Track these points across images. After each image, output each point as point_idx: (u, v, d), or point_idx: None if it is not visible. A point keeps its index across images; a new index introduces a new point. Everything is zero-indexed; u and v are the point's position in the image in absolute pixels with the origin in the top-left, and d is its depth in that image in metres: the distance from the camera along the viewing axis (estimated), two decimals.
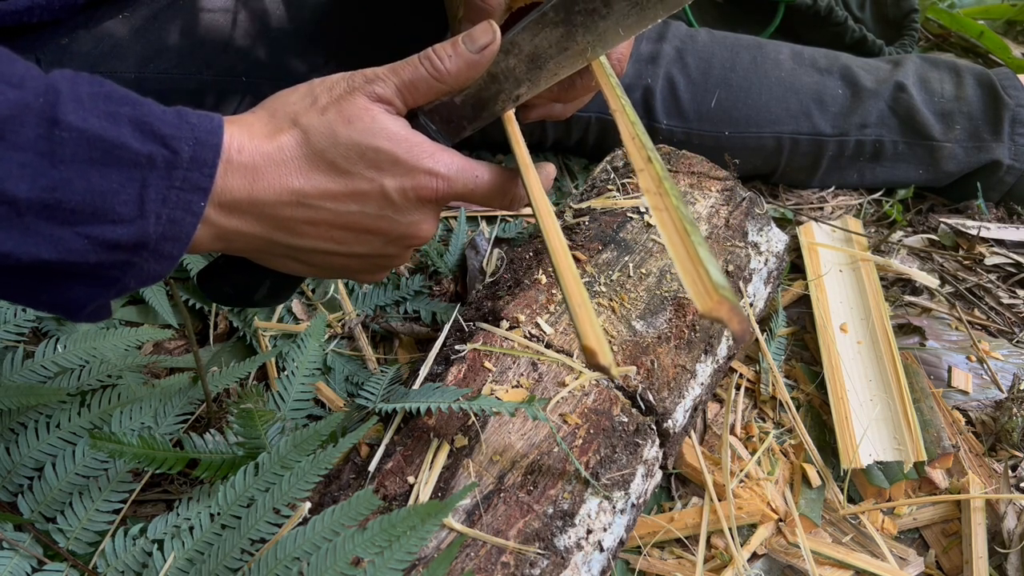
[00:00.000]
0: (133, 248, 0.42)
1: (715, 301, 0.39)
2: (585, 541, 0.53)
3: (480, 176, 0.52)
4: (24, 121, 0.39)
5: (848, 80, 0.99)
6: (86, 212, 0.40)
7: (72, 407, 0.60)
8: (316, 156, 0.47)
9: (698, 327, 0.67)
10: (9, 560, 0.53)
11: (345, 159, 0.48)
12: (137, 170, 0.41)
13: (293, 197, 0.47)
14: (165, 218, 0.43)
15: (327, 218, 0.49)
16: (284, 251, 0.51)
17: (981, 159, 0.99)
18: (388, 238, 0.52)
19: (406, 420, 0.59)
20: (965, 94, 0.99)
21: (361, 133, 0.48)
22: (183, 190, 0.43)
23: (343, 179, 0.48)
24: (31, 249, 0.40)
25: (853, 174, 1.03)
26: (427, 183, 0.50)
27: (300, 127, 0.47)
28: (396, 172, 0.49)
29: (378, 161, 0.48)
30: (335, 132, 0.47)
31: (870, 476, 0.68)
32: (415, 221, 0.51)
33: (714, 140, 0.97)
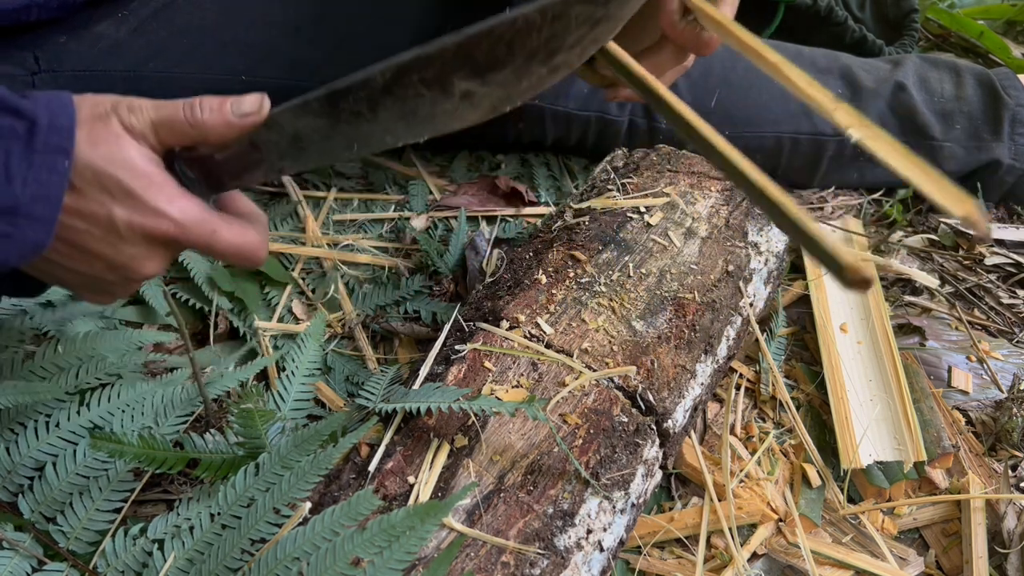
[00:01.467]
0: (5, 213, 0.44)
1: (968, 205, 0.40)
2: (585, 541, 0.53)
3: (218, 233, 0.51)
4: None
5: (848, 80, 0.99)
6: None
7: (72, 406, 0.60)
8: (75, 175, 0.47)
9: (698, 327, 0.67)
10: (9, 560, 0.53)
11: (80, 179, 0.47)
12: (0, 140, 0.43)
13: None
14: (32, 179, 0.44)
15: (63, 235, 0.48)
16: None
17: (981, 159, 0.99)
18: (108, 264, 0.51)
19: (406, 420, 0.59)
20: (965, 94, 0.99)
21: (101, 158, 0.47)
22: (45, 152, 0.45)
23: (75, 196, 0.47)
24: None
25: (853, 173, 1.03)
26: (156, 224, 0.49)
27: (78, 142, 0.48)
28: (127, 204, 0.48)
29: (111, 189, 0.48)
30: (84, 155, 0.47)
31: (870, 476, 0.68)
32: (138, 255, 0.50)
33: None
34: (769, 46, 0.55)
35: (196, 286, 0.78)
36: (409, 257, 0.88)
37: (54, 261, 0.50)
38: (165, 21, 0.79)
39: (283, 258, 0.84)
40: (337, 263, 0.85)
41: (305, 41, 0.84)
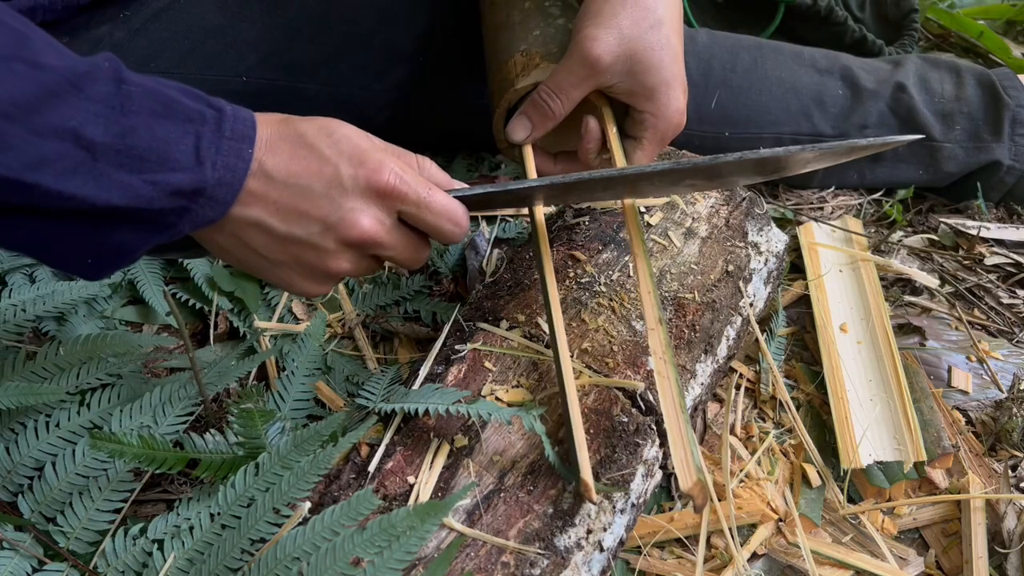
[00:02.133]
0: (192, 194, 0.47)
1: (694, 482, 0.48)
2: (585, 541, 0.53)
3: (433, 191, 0.55)
4: (97, 77, 0.43)
5: (848, 80, 0.99)
6: (152, 159, 0.45)
7: (72, 407, 0.61)
8: (293, 135, 0.51)
9: (698, 327, 0.67)
10: (10, 560, 0.53)
11: (314, 135, 0.51)
12: (191, 124, 0.46)
13: (257, 168, 0.50)
14: (220, 165, 0.47)
15: (276, 195, 0.51)
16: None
17: (981, 159, 0.99)
18: (325, 224, 0.52)
19: (406, 420, 0.59)
20: (965, 94, 0.99)
21: (339, 126, 0.52)
22: (232, 139, 0.48)
23: (303, 153, 0.51)
24: (104, 195, 0.44)
25: (853, 174, 1.03)
26: (380, 173, 0.52)
27: (299, 128, 0.52)
28: (355, 156, 0.52)
29: (341, 144, 0.52)
30: (321, 122, 0.52)
31: (870, 476, 0.68)
32: (356, 208, 0.53)
33: (714, 141, 0.97)
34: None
35: (196, 286, 0.78)
36: None
37: (263, 226, 0.52)
38: (167, 22, 0.79)
39: None
40: None
41: (306, 42, 0.84)
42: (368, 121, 0.91)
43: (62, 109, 0.42)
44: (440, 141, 1.04)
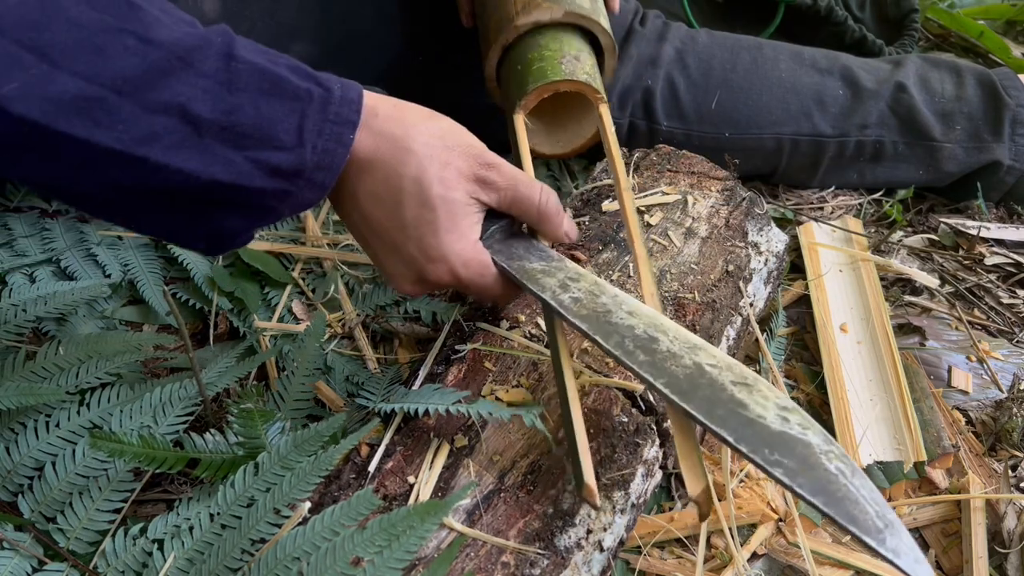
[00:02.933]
0: (291, 175, 0.47)
1: (702, 488, 0.47)
2: (585, 541, 0.53)
3: (487, 284, 0.57)
4: (207, 53, 0.44)
5: (848, 80, 0.99)
6: (255, 137, 0.45)
7: (72, 406, 0.60)
8: (393, 178, 0.52)
9: (698, 327, 0.67)
10: (10, 560, 0.53)
11: (410, 187, 0.52)
12: (297, 103, 0.47)
13: (351, 192, 0.53)
14: (320, 148, 0.48)
15: (355, 218, 0.55)
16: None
17: (981, 159, 0.99)
18: (381, 264, 0.57)
19: (406, 420, 0.59)
20: (966, 94, 0.99)
21: (436, 195, 0.52)
22: (335, 123, 0.48)
23: (389, 201, 0.52)
24: (209, 168, 0.44)
25: (853, 174, 1.03)
26: (433, 272, 0.55)
27: (408, 147, 0.52)
28: (421, 245, 0.54)
29: (423, 221, 0.53)
30: (423, 174, 0.52)
31: (870, 476, 0.68)
32: (403, 275, 0.56)
33: (714, 141, 0.97)
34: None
35: (196, 286, 0.78)
36: None
37: (348, 226, 0.57)
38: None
39: (283, 258, 0.84)
40: (337, 263, 0.85)
41: (306, 41, 0.84)
42: None
43: (172, 85, 0.42)
44: None
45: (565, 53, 0.65)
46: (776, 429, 0.43)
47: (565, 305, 0.53)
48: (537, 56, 0.65)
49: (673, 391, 0.46)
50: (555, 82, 0.64)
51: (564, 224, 0.59)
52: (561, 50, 0.65)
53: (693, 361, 0.48)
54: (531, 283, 0.55)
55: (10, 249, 0.78)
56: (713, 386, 0.46)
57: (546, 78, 0.64)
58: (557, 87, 0.64)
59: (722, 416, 0.44)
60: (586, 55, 0.67)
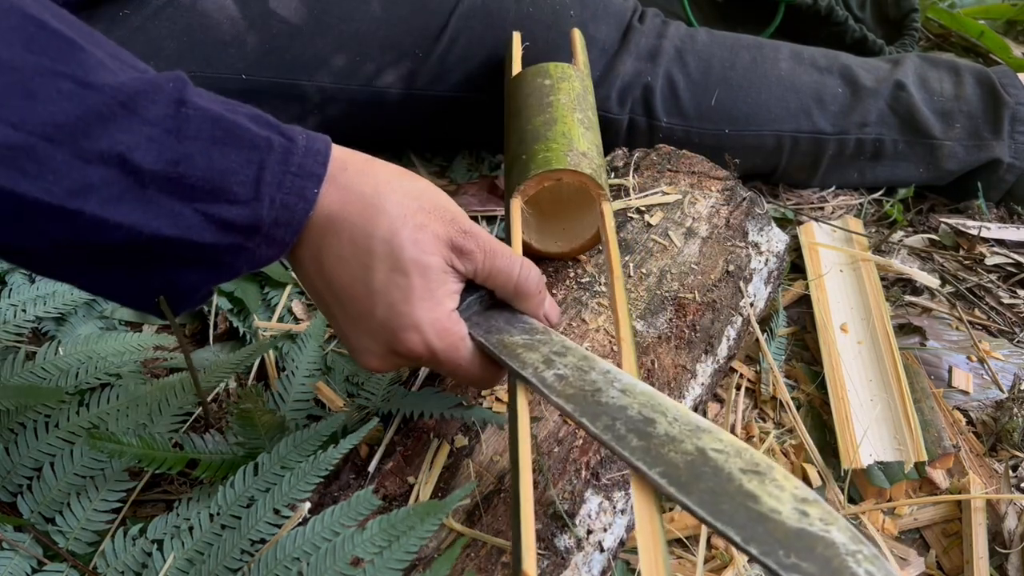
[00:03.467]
0: (246, 230, 0.43)
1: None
2: (585, 541, 0.53)
3: (461, 371, 0.51)
4: (155, 99, 0.41)
5: (847, 79, 0.99)
6: (205, 189, 0.42)
7: (71, 407, 0.60)
8: (362, 238, 0.46)
9: (698, 327, 0.67)
10: (9, 560, 0.53)
11: (379, 259, 0.47)
12: (256, 152, 0.43)
13: (314, 253, 0.47)
14: (279, 202, 0.44)
15: (317, 282, 0.49)
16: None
17: (981, 157, 0.99)
18: (345, 336, 0.51)
19: (406, 420, 0.59)
20: (964, 93, 0.99)
21: (410, 258, 0.47)
22: (298, 176, 0.44)
23: (356, 265, 0.47)
24: (152, 222, 0.41)
25: (854, 173, 1.03)
26: (405, 339, 0.48)
27: (380, 206, 0.47)
28: (393, 311, 0.47)
29: (394, 286, 0.47)
30: (396, 237, 0.46)
31: (871, 476, 0.68)
32: (370, 350, 0.50)
33: (714, 139, 0.97)
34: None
35: None
36: None
37: (307, 289, 0.50)
38: (166, 20, 0.79)
39: None
40: None
41: (305, 41, 0.84)
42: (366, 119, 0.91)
43: (111, 133, 0.39)
44: (440, 139, 1.04)
45: (574, 148, 0.63)
46: (793, 526, 0.36)
47: (548, 383, 0.46)
48: (543, 147, 0.63)
49: (671, 483, 0.39)
50: (557, 171, 0.62)
51: (545, 304, 0.54)
52: (571, 143, 0.64)
53: (695, 446, 0.41)
54: (511, 359, 0.49)
55: None
56: (718, 475, 0.39)
57: (550, 166, 0.62)
58: (562, 176, 0.62)
59: (728, 512, 0.37)
60: (595, 154, 0.66)
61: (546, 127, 0.65)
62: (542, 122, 0.66)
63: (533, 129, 0.66)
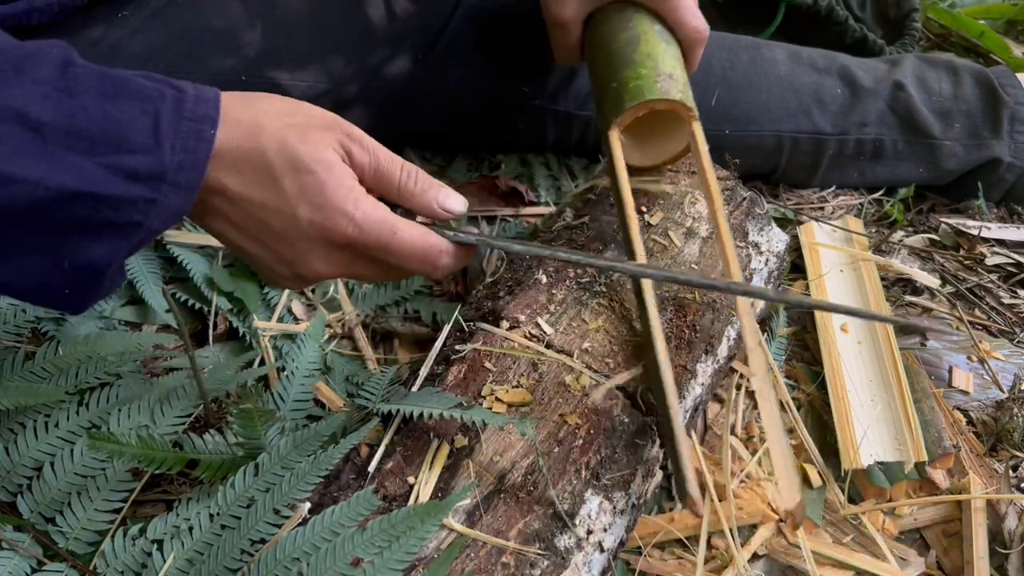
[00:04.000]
0: (152, 179, 0.44)
1: (796, 501, 0.49)
2: (585, 542, 0.53)
3: (399, 233, 0.52)
4: (40, 61, 0.42)
5: (847, 79, 0.99)
6: (105, 141, 0.43)
7: (70, 406, 0.60)
8: (258, 155, 0.49)
9: (698, 327, 0.67)
10: (9, 560, 0.53)
11: (280, 166, 0.49)
12: (149, 103, 0.44)
13: (218, 187, 0.49)
14: (180, 147, 0.45)
15: (235, 217, 0.51)
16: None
17: (981, 156, 0.99)
18: (279, 257, 0.52)
19: (406, 420, 0.59)
20: (963, 93, 0.99)
21: (305, 154, 0.49)
22: (193, 120, 0.46)
23: (265, 182, 0.49)
24: (56, 175, 0.41)
25: (854, 173, 1.03)
26: (337, 224, 0.50)
27: (262, 125, 0.49)
28: (315, 202, 0.50)
29: (304, 184, 0.49)
30: (285, 140, 0.49)
31: (871, 476, 0.68)
32: (310, 252, 0.52)
33: (715, 138, 0.97)
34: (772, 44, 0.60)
35: (195, 286, 0.78)
36: None
37: (225, 237, 0.52)
38: (164, 22, 0.79)
39: None
40: None
41: (304, 42, 0.84)
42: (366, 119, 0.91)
43: (3, 91, 0.41)
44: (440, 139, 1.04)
45: (661, 72, 0.66)
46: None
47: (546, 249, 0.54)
48: (632, 74, 0.66)
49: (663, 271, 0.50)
50: (652, 101, 0.65)
51: (438, 196, 0.55)
52: (657, 67, 0.66)
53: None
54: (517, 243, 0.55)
55: None
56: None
57: (643, 96, 0.65)
58: (654, 106, 0.65)
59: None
60: (679, 71, 0.69)
61: (631, 46, 0.68)
62: (626, 40, 0.69)
63: (619, 49, 0.68)
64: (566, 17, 0.74)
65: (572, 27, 0.75)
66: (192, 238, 0.82)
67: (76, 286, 0.47)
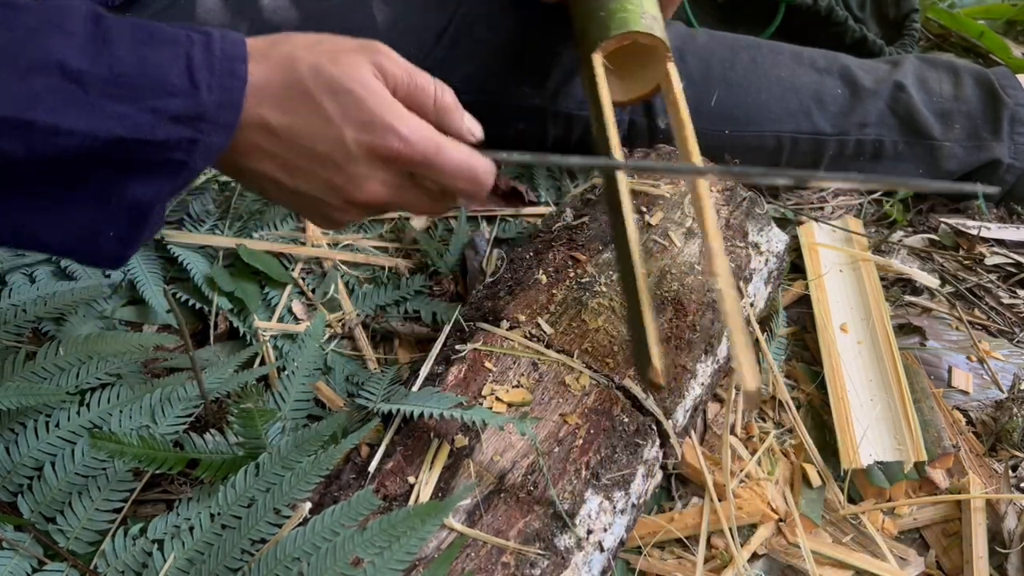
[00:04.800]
0: (194, 119, 0.45)
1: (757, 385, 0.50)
2: (585, 541, 0.53)
3: (445, 149, 0.52)
4: (71, 14, 0.43)
5: (847, 80, 0.99)
6: (145, 87, 0.44)
7: (71, 406, 0.60)
8: (294, 83, 0.49)
9: (698, 327, 0.67)
10: (9, 560, 0.53)
11: (319, 90, 0.49)
12: (180, 46, 0.45)
13: (260, 122, 0.49)
14: (216, 86, 0.46)
15: (279, 151, 0.51)
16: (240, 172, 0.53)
17: (981, 158, 0.99)
18: (329, 185, 0.52)
19: (406, 420, 0.59)
20: (964, 94, 0.99)
21: (342, 75, 0.49)
22: (224, 59, 0.46)
23: (307, 109, 0.49)
24: (103, 126, 0.43)
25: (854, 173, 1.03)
26: (385, 140, 0.50)
27: (292, 55, 0.50)
28: (360, 120, 0.50)
29: (346, 105, 0.50)
30: (319, 65, 0.49)
31: (870, 476, 0.68)
32: (362, 175, 0.52)
33: (715, 138, 0.97)
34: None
35: (196, 286, 0.78)
36: (409, 257, 0.88)
37: (277, 183, 0.52)
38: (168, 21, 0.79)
39: (283, 258, 0.84)
40: (337, 263, 0.84)
41: None
42: None
43: (45, 45, 0.42)
44: None
45: (646, 11, 0.71)
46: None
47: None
48: (619, 7, 0.70)
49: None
50: (637, 32, 0.69)
51: (465, 119, 0.56)
52: (642, 6, 0.71)
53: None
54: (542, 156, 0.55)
55: (10, 249, 0.78)
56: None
57: (628, 27, 0.69)
58: (637, 38, 0.69)
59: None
60: (660, 17, 0.73)
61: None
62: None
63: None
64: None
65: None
66: (193, 238, 0.82)
67: (123, 229, 0.47)
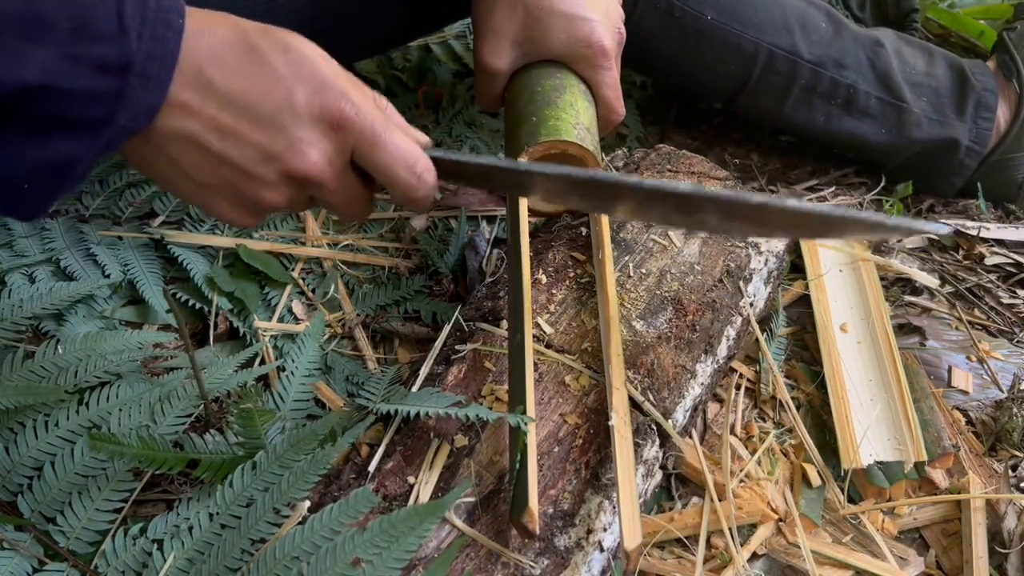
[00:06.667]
0: (120, 69, 0.41)
1: (637, 544, 0.49)
2: (585, 541, 0.53)
3: (392, 130, 0.51)
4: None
5: (832, 18, 1.01)
6: (66, 28, 0.39)
7: (71, 406, 0.60)
8: (240, 39, 0.46)
9: (698, 327, 0.67)
10: (10, 560, 0.53)
11: (269, 48, 0.47)
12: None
13: (196, 78, 0.46)
14: (147, 35, 0.42)
15: (213, 111, 0.47)
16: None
17: (942, 134, 1.00)
18: (265, 153, 0.48)
19: (406, 420, 0.59)
20: (935, 71, 1.02)
21: (293, 38, 0.48)
22: (159, 9, 0.42)
23: (254, 68, 0.46)
24: (15, 70, 0.38)
25: (820, 117, 1.02)
26: (338, 102, 0.48)
27: (234, 18, 0.47)
28: (313, 80, 0.48)
29: (299, 64, 0.47)
30: (267, 27, 0.47)
31: (870, 476, 0.68)
32: (304, 140, 0.48)
33: (695, 20, 0.95)
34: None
35: (196, 286, 0.78)
36: (409, 257, 0.87)
37: (195, 143, 0.47)
38: None
39: (283, 258, 0.84)
40: (337, 263, 0.84)
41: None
42: None
43: None
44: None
45: (579, 122, 0.68)
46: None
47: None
48: (552, 115, 0.68)
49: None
50: (567, 142, 0.66)
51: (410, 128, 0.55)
52: (576, 117, 0.68)
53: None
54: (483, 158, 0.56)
55: (10, 249, 0.78)
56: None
57: (559, 135, 0.66)
58: (567, 148, 0.67)
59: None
60: (595, 131, 0.71)
61: (556, 92, 0.70)
62: (552, 86, 0.70)
63: (544, 92, 0.70)
64: (498, 67, 0.72)
65: (501, 78, 0.73)
66: (193, 238, 0.82)
67: (39, 186, 0.43)
